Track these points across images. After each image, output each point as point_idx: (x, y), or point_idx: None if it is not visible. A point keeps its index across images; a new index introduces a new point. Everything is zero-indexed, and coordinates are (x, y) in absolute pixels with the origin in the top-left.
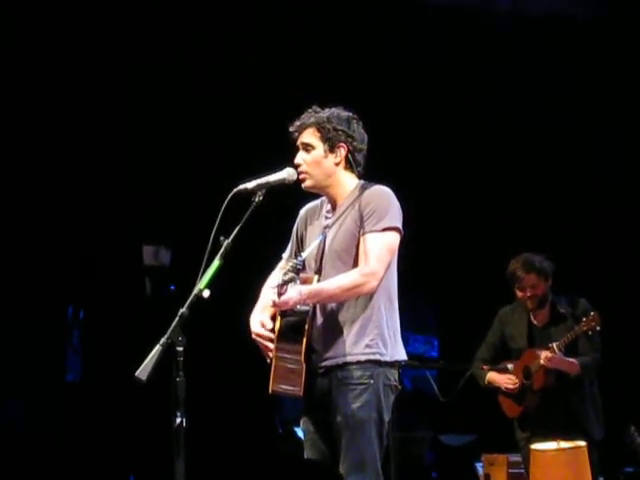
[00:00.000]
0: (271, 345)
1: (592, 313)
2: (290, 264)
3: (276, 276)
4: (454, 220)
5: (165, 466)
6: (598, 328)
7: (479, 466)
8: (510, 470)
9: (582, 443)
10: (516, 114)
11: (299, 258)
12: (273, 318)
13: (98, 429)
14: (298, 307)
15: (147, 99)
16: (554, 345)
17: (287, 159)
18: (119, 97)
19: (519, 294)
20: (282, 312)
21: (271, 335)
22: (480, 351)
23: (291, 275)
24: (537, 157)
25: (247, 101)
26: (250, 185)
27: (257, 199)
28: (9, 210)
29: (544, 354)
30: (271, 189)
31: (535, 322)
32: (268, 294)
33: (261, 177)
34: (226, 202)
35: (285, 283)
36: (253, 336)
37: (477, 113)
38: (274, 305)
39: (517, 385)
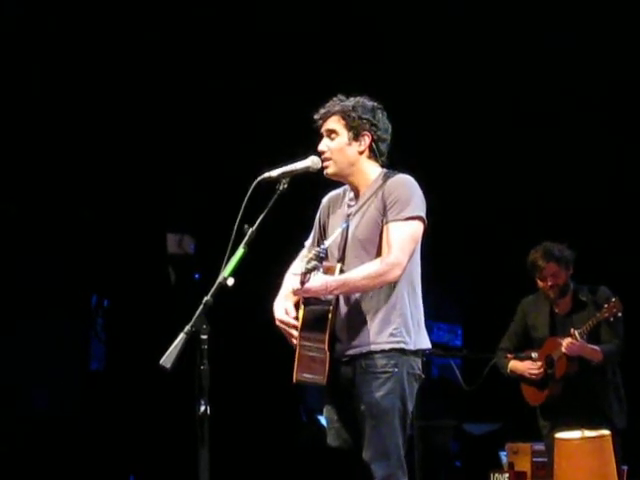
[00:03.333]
0: (295, 332)
1: (613, 299)
2: (313, 252)
3: (299, 264)
4: (478, 208)
5: (188, 455)
6: (620, 314)
7: (503, 455)
8: (534, 459)
9: (606, 432)
10: (541, 98)
11: (322, 246)
12: (297, 306)
13: (121, 417)
14: (323, 297)
15: (172, 85)
16: (575, 332)
17: (311, 147)
18: (143, 84)
19: (540, 284)
20: (305, 301)
21: (295, 322)
22: (503, 341)
23: (314, 263)
24: (564, 144)
25: (272, 88)
26: (274, 173)
27: (281, 187)
28: (34, 199)
29: (566, 341)
30: (295, 177)
31: (557, 311)
32: (291, 281)
33: (285, 165)
34: (250, 190)
35: (308, 271)
36: (277, 323)
37: (501, 98)
38: (295, 292)
39: (541, 371)
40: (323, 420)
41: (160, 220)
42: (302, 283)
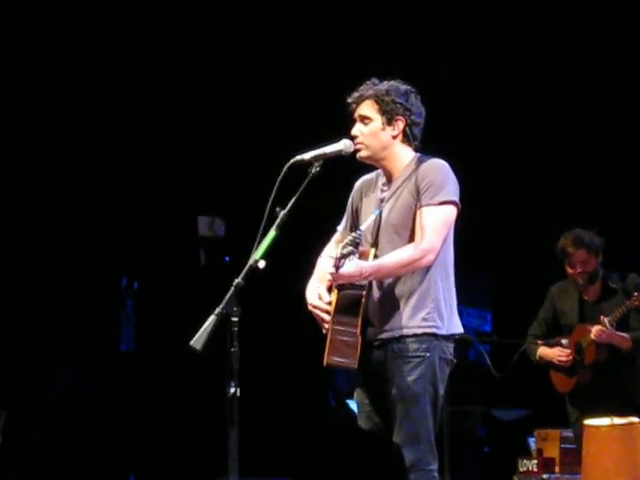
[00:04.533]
0: (327, 317)
1: None
2: (349, 237)
3: (332, 248)
4: (510, 194)
5: (217, 436)
6: None
7: (532, 441)
8: (562, 445)
9: (636, 419)
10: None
11: (358, 232)
12: (329, 290)
13: (151, 398)
14: (357, 282)
15: (204, 66)
16: (605, 320)
17: (344, 130)
18: (173, 66)
19: (569, 270)
20: (339, 285)
21: (328, 307)
22: (532, 328)
23: (350, 249)
24: (596, 132)
25: (306, 69)
26: (307, 156)
27: (313, 170)
28: (66, 181)
29: (595, 329)
30: (327, 160)
31: (586, 298)
32: (325, 265)
33: (318, 148)
34: (282, 173)
35: (343, 256)
36: (309, 307)
37: (533, 85)
38: (332, 278)
39: (570, 358)
40: (352, 404)
41: (191, 202)
42: (337, 268)
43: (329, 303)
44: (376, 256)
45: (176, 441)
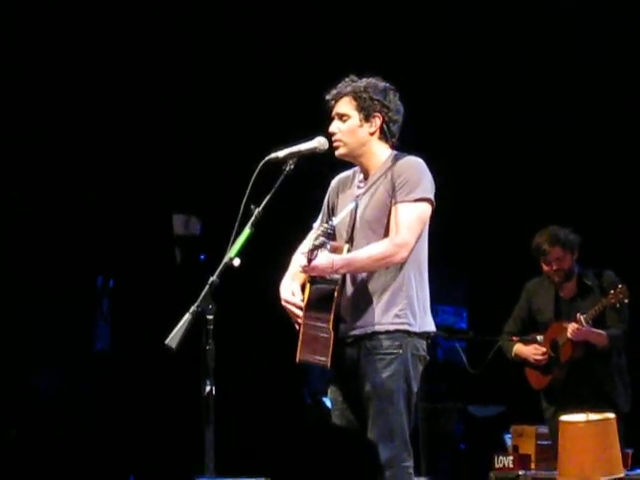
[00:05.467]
0: (300, 313)
1: (620, 286)
2: (321, 228)
3: (307, 243)
4: (484, 191)
5: (193, 435)
6: (626, 301)
7: (507, 437)
8: (538, 442)
9: (611, 415)
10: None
11: (330, 223)
12: (303, 287)
13: (127, 397)
14: (329, 275)
15: (177, 66)
16: (581, 317)
17: (319, 128)
18: (146, 66)
19: (545, 268)
20: (312, 279)
21: (301, 304)
22: (508, 325)
23: (322, 240)
24: (572, 130)
25: (278, 69)
26: (281, 154)
27: (288, 168)
28: (39, 183)
29: (571, 326)
30: (302, 158)
31: (562, 295)
32: (299, 261)
33: (292, 146)
34: (257, 171)
35: (315, 248)
36: (282, 303)
37: (509, 87)
38: (303, 270)
39: (545, 356)
40: (328, 402)
41: (166, 201)
42: (309, 260)
43: (302, 300)
44: (350, 252)
45: (152, 440)
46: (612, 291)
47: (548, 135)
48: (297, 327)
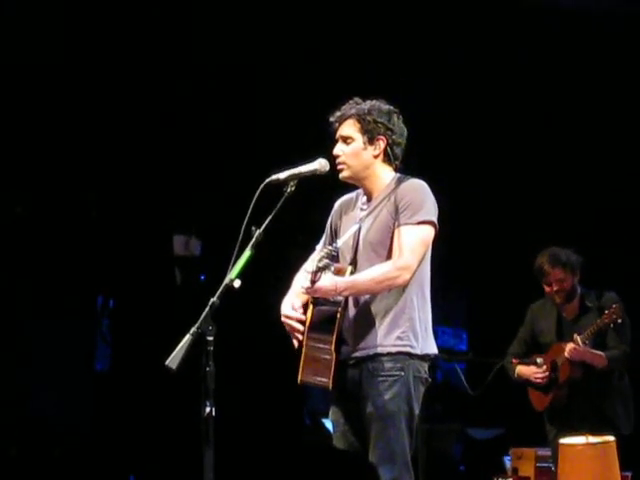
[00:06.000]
0: (300, 327)
1: (614, 305)
2: (325, 250)
3: (310, 263)
4: (486, 214)
5: (193, 456)
6: (619, 320)
7: (507, 460)
8: (538, 464)
9: (611, 438)
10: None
11: (335, 245)
12: (305, 306)
13: (126, 418)
14: (332, 297)
15: (180, 85)
16: (578, 338)
17: (321, 150)
18: (150, 84)
19: (546, 289)
20: (315, 301)
21: (301, 317)
22: (512, 346)
23: (326, 262)
24: (574, 150)
25: (283, 89)
26: (282, 175)
27: (289, 189)
28: (40, 199)
29: (568, 347)
30: (303, 180)
31: (565, 315)
32: (301, 280)
33: (293, 168)
34: (258, 192)
35: (319, 270)
36: (282, 319)
37: (511, 104)
38: (305, 291)
39: (545, 375)
40: (328, 423)
41: (167, 221)
42: (312, 282)
43: (303, 322)
44: (353, 274)
45: (151, 461)
46: (606, 311)
47: (550, 153)
48: (296, 343)
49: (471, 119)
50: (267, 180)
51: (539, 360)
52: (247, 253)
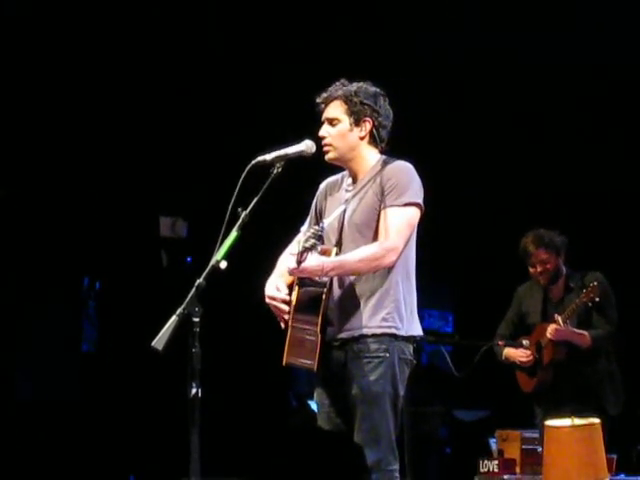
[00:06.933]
0: (285, 307)
1: (592, 284)
2: (312, 231)
3: (296, 245)
4: (472, 196)
5: (178, 437)
6: (597, 299)
7: (492, 442)
8: (523, 446)
9: (596, 420)
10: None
11: (321, 225)
12: (290, 287)
13: (113, 399)
14: (318, 278)
15: (166, 67)
16: (559, 318)
17: (307, 130)
18: (136, 67)
19: (531, 270)
20: (300, 282)
21: (285, 297)
22: (500, 327)
23: (312, 242)
24: (560, 134)
25: (269, 71)
26: (268, 157)
27: (275, 171)
28: (26, 182)
29: (550, 327)
30: (290, 161)
31: (551, 297)
32: (286, 261)
33: (280, 149)
34: (244, 174)
35: (305, 250)
36: (267, 300)
37: (497, 94)
38: (291, 271)
39: (530, 358)
40: (314, 405)
41: (153, 203)
42: (298, 262)
43: (289, 302)
44: (338, 255)
45: (137, 442)
46: (584, 290)
47: (536, 139)
48: (282, 325)
49: (461, 103)
50: (253, 161)
51: (525, 342)
52: (233, 234)
